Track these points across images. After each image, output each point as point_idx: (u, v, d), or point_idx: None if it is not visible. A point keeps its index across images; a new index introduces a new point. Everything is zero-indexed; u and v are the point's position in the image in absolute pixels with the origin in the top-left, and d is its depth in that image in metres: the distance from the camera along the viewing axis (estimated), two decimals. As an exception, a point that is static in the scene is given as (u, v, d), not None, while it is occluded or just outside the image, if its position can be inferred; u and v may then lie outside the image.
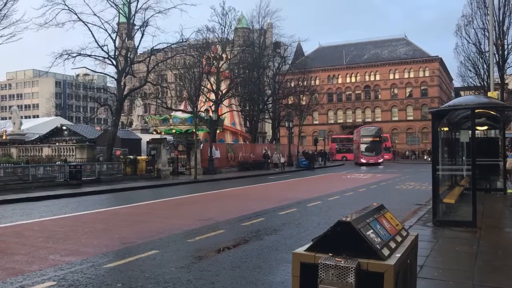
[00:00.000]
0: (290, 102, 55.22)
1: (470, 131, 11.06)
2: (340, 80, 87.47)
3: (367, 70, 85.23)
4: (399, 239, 3.59)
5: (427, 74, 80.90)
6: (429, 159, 50.35)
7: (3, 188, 20.93)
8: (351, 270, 2.87)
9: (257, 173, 35.56)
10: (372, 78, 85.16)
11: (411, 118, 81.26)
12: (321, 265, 2.95)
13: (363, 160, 51.72)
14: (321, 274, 2.94)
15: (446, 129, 12.04)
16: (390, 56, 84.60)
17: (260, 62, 50.70)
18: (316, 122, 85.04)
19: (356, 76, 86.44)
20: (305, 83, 57.37)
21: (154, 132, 43.96)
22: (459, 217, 10.40)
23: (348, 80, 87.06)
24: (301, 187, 23.94)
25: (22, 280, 6.21)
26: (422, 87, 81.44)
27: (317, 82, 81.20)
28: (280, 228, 10.46)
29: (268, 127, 72.04)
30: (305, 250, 3.16)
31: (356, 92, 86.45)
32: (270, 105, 54.88)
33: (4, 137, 43.31)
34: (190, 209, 14.83)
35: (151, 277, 6.27)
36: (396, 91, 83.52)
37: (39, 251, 8.14)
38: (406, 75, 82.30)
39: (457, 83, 76.82)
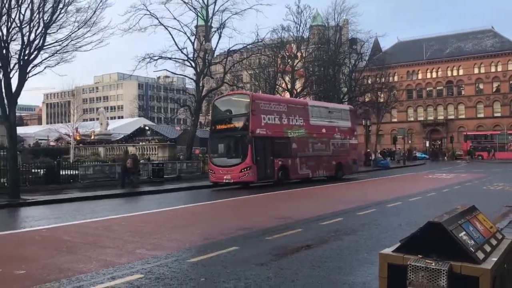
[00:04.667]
0: (367, 99, 53.95)
1: None
2: (420, 76, 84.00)
3: (449, 64, 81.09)
4: (494, 242, 3.39)
5: (517, 67, 75.46)
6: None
7: (93, 184, 22.38)
8: (443, 273, 2.75)
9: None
10: (454, 73, 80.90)
11: (499, 114, 76.16)
12: (410, 267, 2.85)
13: (211, 178, 23.10)
14: (410, 275, 2.85)
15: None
16: (474, 49, 79.81)
17: (335, 59, 49.99)
18: (395, 120, 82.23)
19: (437, 71, 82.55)
20: (383, 79, 55.75)
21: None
22: (558, 221, 9.61)
23: (428, 75, 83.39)
24: (380, 187, 23.31)
25: (113, 271, 6.59)
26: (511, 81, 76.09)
27: (396, 78, 78.72)
28: (359, 229, 10.25)
29: (344, 126, 70.86)
30: (392, 251, 3.08)
31: (438, 88, 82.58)
32: (346, 103, 53.94)
33: (92, 137, 46.37)
34: (267, 207, 14.97)
35: (232, 273, 6.40)
36: (481, 86, 78.71)
37: (127, 245, 8.59)
38: (493, 69, 77.24)
39: (551, 76, 71.05)
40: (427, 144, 79.19)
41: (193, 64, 32.01)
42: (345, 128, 28.59)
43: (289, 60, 41.12)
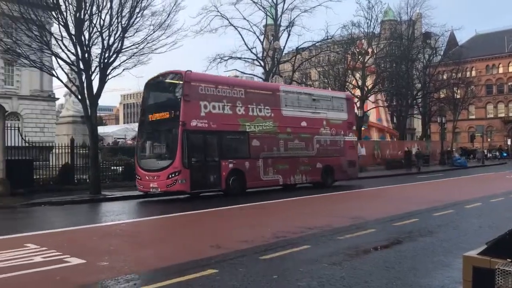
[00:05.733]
0: (442, 95, 51.67)
1: None
2: (501, 70, 79.04)
3: (535, 57, 75.67)
4: None
5: None
6: None
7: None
8: (536, 279, 2.58)
9: (405, 172, 34.03)
10: (541, 66, 75.38)
11: None
12: (498, 271, 2.70)
13: (139, 186, 17.77)
14: (498, 280, 2.70)
15: None
16: None
17: (408, 54, 48.34)
18: (473, 117, 78.01)
19: (521, 65, 77.29)
20: (459, 74, 53.09)
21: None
22: None
23: (511, 69, 78.28)
24: (457, 187, 22.24)
25: (187, 266, 6.78)
26: None
27: (473, 73, 74.72)
28: (435, 230, 9.84)
29: (417, 123, 68.44)
30: (478, 254, 2.93)
31: (521, 82, 77.32)
32: (420, 99, 52.00)
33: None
34: (337, 207, 14.79)
35: (305, 272, 6.39)
36: None
37: (200, 241, 8.84)
38: None
39: None
40: (509, 142, 74.49)
41: (262, 63, 32.33)
42: (337, 121, 22.59)
43: (359, 57, 40.27)
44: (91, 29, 17.79)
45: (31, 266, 6.76)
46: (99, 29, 17.79)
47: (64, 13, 17.71)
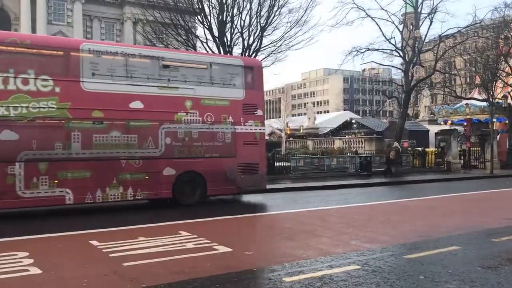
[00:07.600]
0: None
1: None
2: None
3: None
4: None
5: None
6: None
7: (303, 176, 23.50)
8: None
9: None
10: None
11: None
12: None
13: None
14: None
15: None
16: None
17: None
18: None
19: None
20: None
21: (442, 123, 42.17)
22: None
23: None
24: None
25: (330, 260, 6.81)
26: None
27: None
28: None
29: None
30: None
31: None
32: None
33: (301, 131, 48.78)
34: (489, 206, 13.57)
35: (455, 274, 5.98)
36: None
37: (341, 236, 8.79)
38: None
39: None
40: None
41: (401, 54, 30.85)
42: (221, 101, 14.25)
43: (513, 41, 36.24)
44: (232, 30, 18.76)
45: (184, 252, 7.38)
46: (239, 30, 18.71)
47: (208, 17, 18.96)
